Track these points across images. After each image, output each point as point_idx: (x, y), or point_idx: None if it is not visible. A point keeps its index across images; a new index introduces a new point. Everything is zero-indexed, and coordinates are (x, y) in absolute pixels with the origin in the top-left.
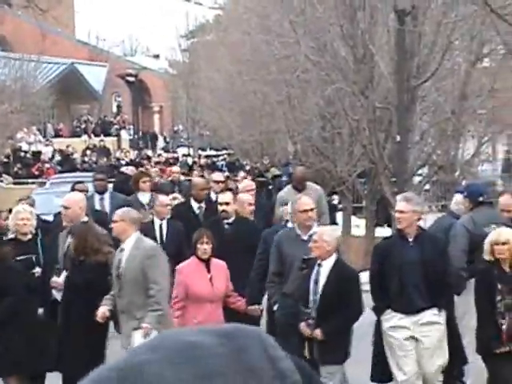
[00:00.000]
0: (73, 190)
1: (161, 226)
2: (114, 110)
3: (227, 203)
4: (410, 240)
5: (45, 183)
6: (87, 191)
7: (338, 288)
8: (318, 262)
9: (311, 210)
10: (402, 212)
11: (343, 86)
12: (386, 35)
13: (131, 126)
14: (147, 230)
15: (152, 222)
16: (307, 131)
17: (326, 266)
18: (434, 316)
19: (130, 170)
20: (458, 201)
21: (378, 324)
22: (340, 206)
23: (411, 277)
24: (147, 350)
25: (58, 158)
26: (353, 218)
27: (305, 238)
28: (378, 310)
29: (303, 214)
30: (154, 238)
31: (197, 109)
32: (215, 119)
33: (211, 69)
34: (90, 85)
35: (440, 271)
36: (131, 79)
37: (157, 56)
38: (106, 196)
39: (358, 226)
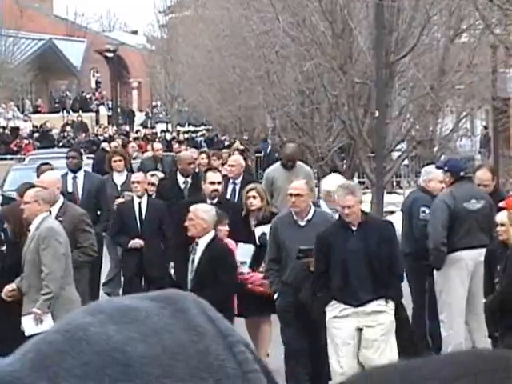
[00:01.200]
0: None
1: (140, 205)
2: (93, 85)
3: (219, 182)
4: (354, 228)
5: (23, 159)
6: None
7: (210, 265)
8: (196, 240)
9: (298, 195)
10: (351, 207)
11: (322, 62)
12: (364, 10)
13: (109, 102)
14: (126, 209)
15: (132, 201)
16: (286, 107)
17: (202, 243)
18: (380, 306)
19: (110, 147)
20: (430, 176)
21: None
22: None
23: (355, 267)
24: (85, 314)
25: (36, 134)
26: None
27: (302, 223)
28: (322, 301)
29: (289, 198)
30: (134, 218)
31: (175, 85)
32: (194, 95)
33: (190, 44)
34: (68, 60)
35: (386, 259)
36: (110, 55)
37: (135, 32)
38: (80, 175)
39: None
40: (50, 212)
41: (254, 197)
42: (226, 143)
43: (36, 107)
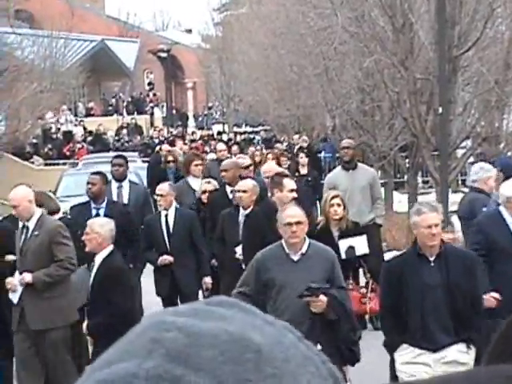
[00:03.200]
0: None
1: (167, 218)
2: (146, 87)
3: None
4: (431, 258)
5: (77, 164)
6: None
7: (102, 283)
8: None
9: (298, 223)
10: (437, 225)
11: (382, 58)
12: (425, 4)
13: (164, 104)
14: (153, 223)
15: (159, 213)
16: (346, 105)
17: (97, 260)
18: (461, 354)
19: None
20: (488, 174)
21: (392, 363)
22: (381, 181)
23: (433, 304)
24: (170, 315)
25: (89, 137)
26: (395, 193)
27: (295, 257)
28: (392, 346)
29: (287, 227)
30: (161, 232)
31: (231, 84)
32: (250, 94)
33: (245, 42)
34: (121, 61)
35: (468, 295)
36: (163, 55)
37: (189, 30)
38: (125, 185)
39: (400, 201)
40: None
41: (339, 204)
42: (285, 144)
43: (89, 110)
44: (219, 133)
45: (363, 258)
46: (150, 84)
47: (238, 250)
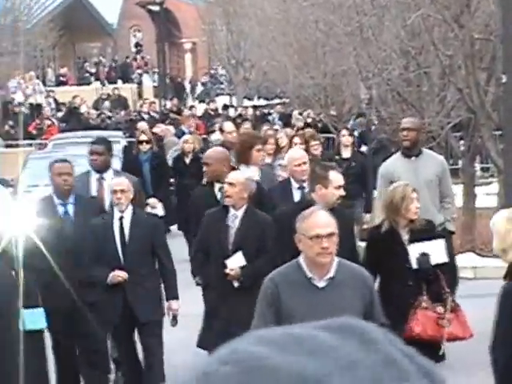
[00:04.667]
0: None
1: (121, 221)
2: (133, 48)
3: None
4: None
5: (45, 145)
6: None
7: None
8: None
9: (331, 234)
10: None
11: (431, 13)
12: None
13: (155, 70)
14: (103, 228)
15: (111, 215)
16: (385, 72)
17: None
18: None
19: (160, 130)
20: None
21: None
22: None
23: None
24: (255, 344)
25: (61, 112)
26: None
27: (320, 284)
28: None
29: (314, 241)
30: (113, 241)
31: (240, 45)
32: (265, 58)
33: None
34: (100, 16)
35: None
36: (155, 8)
37: None
38: (108, 176)
39: (455, 194)
40: None
41: (418, 199)
42: (309, 120)
43: (61, 78)
44: (225, 107)
45: (440, 269)
46: (137, 45)
47: (230, 263)
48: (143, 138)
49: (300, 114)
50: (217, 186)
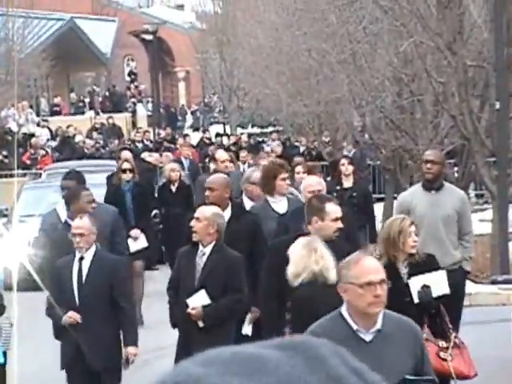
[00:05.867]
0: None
1: (81, 262)
2: (127, 78)
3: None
4: None
5: (40, 175)
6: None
7: None
8: None
9: (383, 281)
10: None
11: (424, 40)
12: None
13: (149, 99)
14: (63, 268)
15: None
16: (378, 99)
17: None
18: None
19: (154, 158)
20: None
21: None
22: None
23: None
24: (198, 365)
25: (55, 141)
26: None
27: (367, 337)
28: None
29: (366, 289)
30: (70, 281)
31: (234, 74)
32: (258, 86)
33: (251, 21)
34: (94, 45)
35: None
36: (148, 37)
37: (181, 6)
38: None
39: None
40: None
41: (416, 234)
42: (302, 149)
43: (54, 107)
44: (218, 135)
45: (444, 302)
46: (131, 74)
47: (192, 301)
48: (126, 166)
49: (297, 141)
50: None
